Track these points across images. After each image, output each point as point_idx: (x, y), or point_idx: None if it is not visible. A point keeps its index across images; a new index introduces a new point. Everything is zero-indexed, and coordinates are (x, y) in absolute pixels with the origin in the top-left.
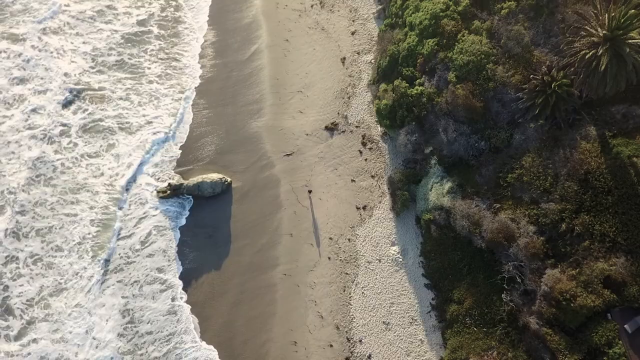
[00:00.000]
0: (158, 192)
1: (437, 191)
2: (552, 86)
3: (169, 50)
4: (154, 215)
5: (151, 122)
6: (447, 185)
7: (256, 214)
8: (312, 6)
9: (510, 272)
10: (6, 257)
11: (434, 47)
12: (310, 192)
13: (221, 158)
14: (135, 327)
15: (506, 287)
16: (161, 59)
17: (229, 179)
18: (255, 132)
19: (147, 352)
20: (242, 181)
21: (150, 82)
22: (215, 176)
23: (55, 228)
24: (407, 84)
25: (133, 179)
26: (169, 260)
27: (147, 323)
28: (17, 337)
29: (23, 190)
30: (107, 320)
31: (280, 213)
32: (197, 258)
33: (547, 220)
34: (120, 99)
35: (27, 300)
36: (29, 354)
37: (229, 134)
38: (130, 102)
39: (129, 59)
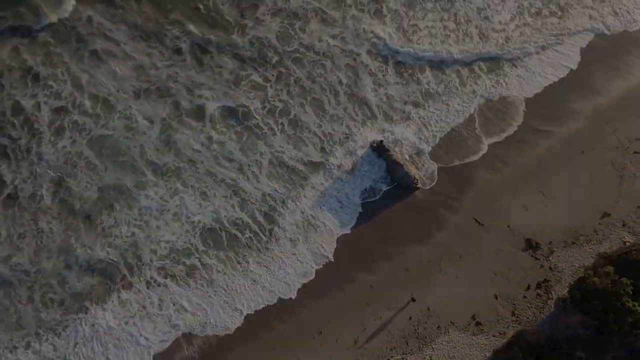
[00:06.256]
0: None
1: None
2: None
3: None
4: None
5: None
6: None
7: (401, 227)
8: (634, 153)
9: None
10: None
11: None
12: (413, 300)
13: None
14: None
15: None
16: None
17: (419, 185)
18: (475, 178)
19: None
20: (424, 197)
21: None
22: (414, 172)
23: None
24: (632, 291)
25: None
26: None
27: None
28: None
29: None
30: None
31: (416, 247)
32: None
33: None
34: None
35: None
36: None
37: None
38: None
39: None
